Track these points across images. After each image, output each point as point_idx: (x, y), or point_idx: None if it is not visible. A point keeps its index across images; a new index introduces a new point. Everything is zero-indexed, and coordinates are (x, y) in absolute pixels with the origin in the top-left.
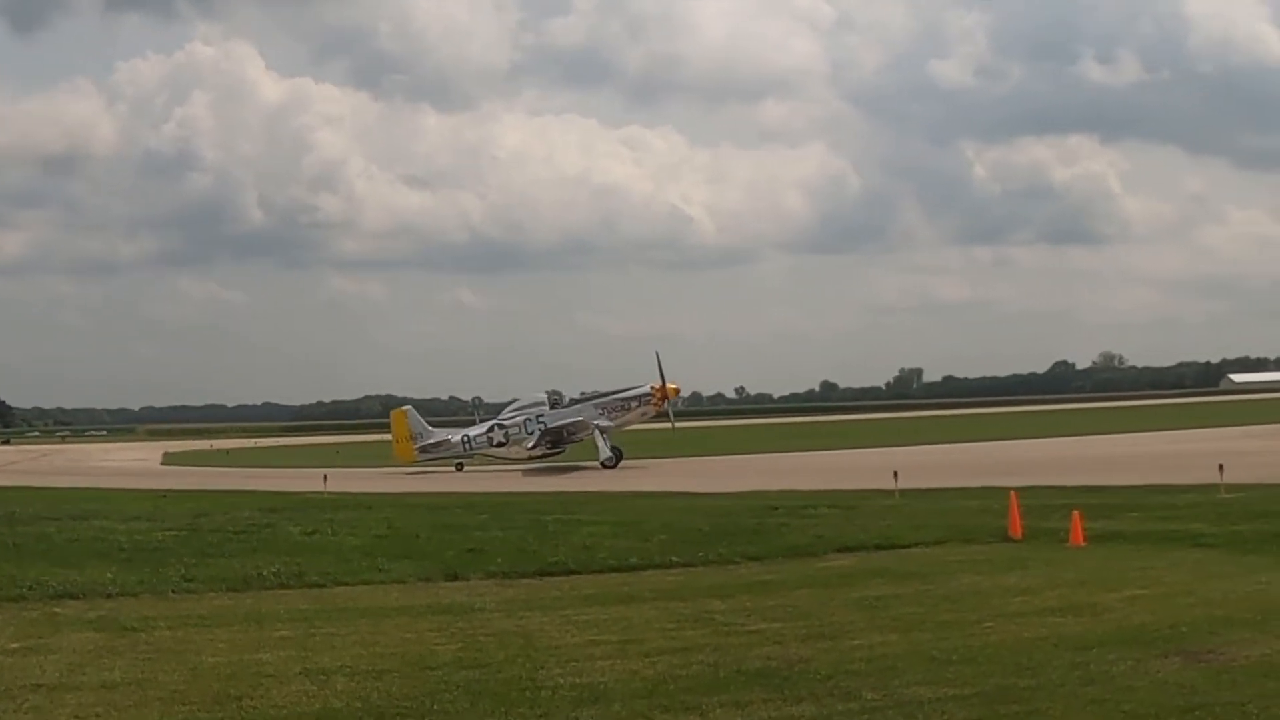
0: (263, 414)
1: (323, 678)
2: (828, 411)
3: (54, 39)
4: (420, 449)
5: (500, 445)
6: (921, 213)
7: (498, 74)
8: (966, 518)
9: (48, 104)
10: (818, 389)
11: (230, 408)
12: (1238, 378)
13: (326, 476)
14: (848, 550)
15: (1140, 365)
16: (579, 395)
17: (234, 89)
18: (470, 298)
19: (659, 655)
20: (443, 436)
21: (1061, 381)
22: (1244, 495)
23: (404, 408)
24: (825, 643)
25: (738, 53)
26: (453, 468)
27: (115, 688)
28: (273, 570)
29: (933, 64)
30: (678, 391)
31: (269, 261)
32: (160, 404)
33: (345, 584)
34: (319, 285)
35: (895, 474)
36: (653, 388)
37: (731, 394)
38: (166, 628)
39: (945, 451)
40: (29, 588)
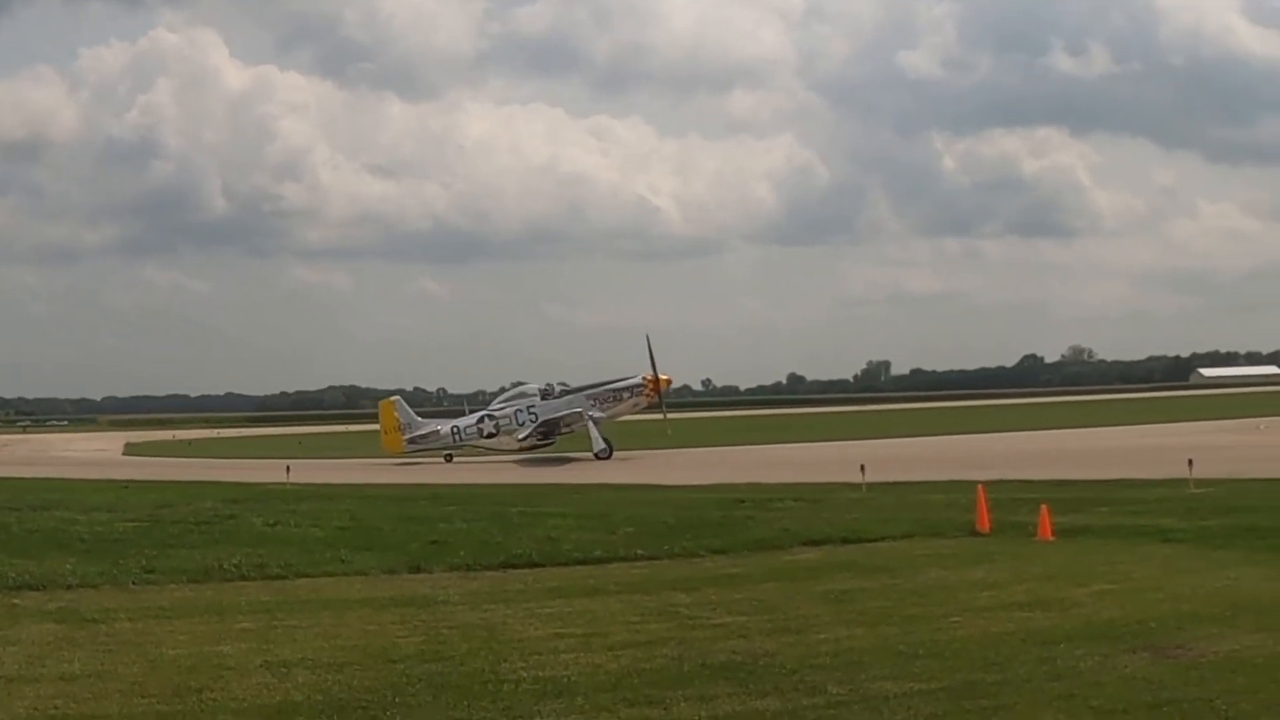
0: (226, 404)
1: (284, 670)
2: (795, 404)
3: (16, 25)
4: (409, 440)
5: (491, 436)
6: (890, 204)
7: (464, 63)
8: (933, 511)
9: (9, 91)
10: (785, 381)
11: (193, 398)
12: (1207, 372)
13: (289, 467)
14: (814, 544)
15: (1110, 359)
16: (567, 386)
17: (198, 77)
18: (435, 288)
19: (623, 648)
20: (432, 427)
21: (1030, 375)
22: (1213, 490)
23: (392, 398)
24: (791, 636)
25: (706, 43)
26: (442, 459)
27: (74, 679)
28: (234, 562)
29: (901, 55)
30: (670, 382)
31: (232, 250)
32: (122, 394)
33: (307, 576)
34: (283, 274)
35: (862, 467)
36: (645, 378)
37: (698, 386)
38: (127, 619)
39: (913, 445)
40: None
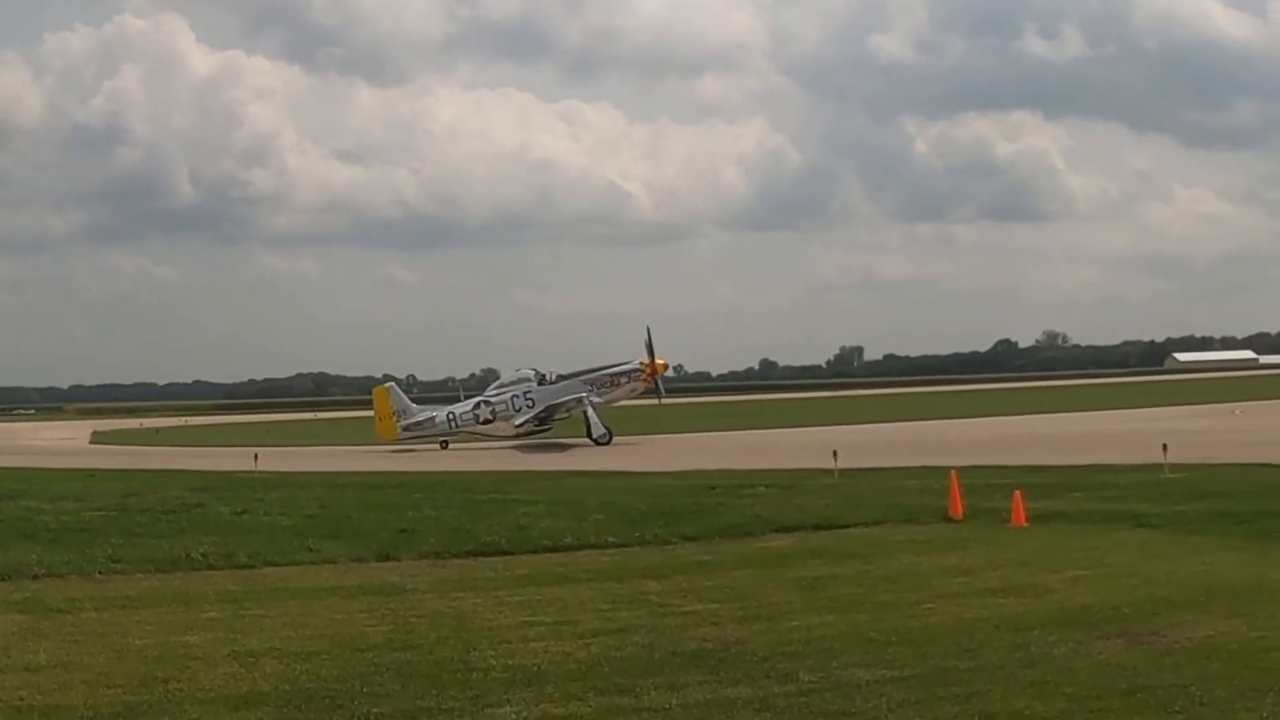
0: (194, 392)
1: (251, 660)
2: (767, 390)
3: None
4: (404, 427)
5: (487, 422)
6: (862, 189)
7: (432, 47)
8: (907, 497)
9: None
10: (757, 367)
11: (161, 386)
12: (1182, 357)
13: (258, 455)
14: (786, 530)
15: (1084, 344)
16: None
17: (164, 62)
18: (404, 274)
19: (594, 637)
20: (427, 414)
21: (1004, 360)
22: (1188, 475)
23: (386, 385)
24: (762, 624)
25: (676, 26)
26: (437, 445)
27: (40, 670)
28: (202, 551)
29: (874, 38)
30: (666, 367)
31: (200, 237)
32: (89, 382)
33: (275, 564)
34: (250, 261)
35: (835, 453)
36: (642, 363)
37: (670, 372)
38: (93, 609)
39: (886, 430)
40: None
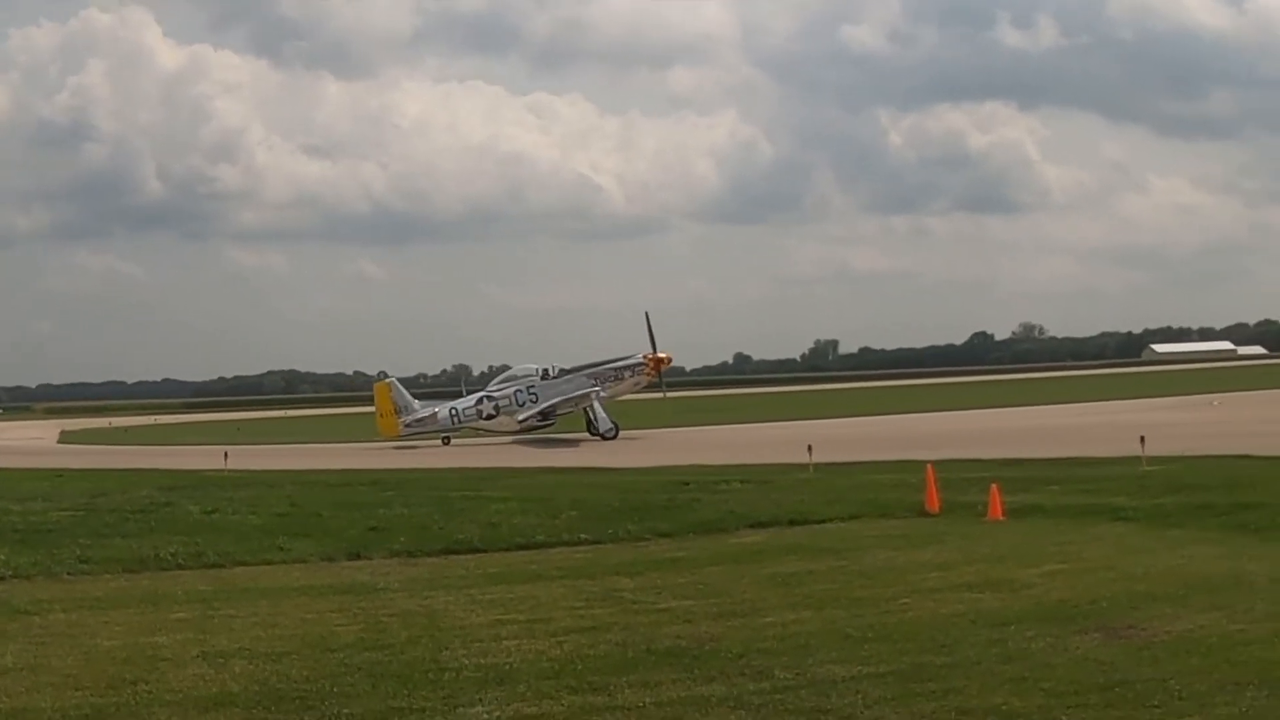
0: (163, 390)
1: (220, 660)
2: (741, 384)
3: None
4: (406, 424)
5: (490, 417)
6: (836, 181)
7: (400, 40)
8: (882, 492)
9: None
10: (731, 361)
11: (130, 384)
12: (1160, 348)
13: (227, 454)
14: (760, 526)
15: (1060, 336)
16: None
17: (130, 57)
18: (373, 270)
19: (566, 635)
20: (429, 410)
21: (980, 353)
22: (1166, 468)
23: (387, 380)
24: (737, 621)
25: (647, 18)
26: (439, 441)
27: (7, 672)
28: (171, 550)
29: (846, 29)
30: (670, 360)
31: (168, 234)
32: (58, 381)
33: (245, 564)
34: (219, 258)
35: (809, 448)
36: (645, 357)
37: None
38: (60, 610)
39: (861, 424)
40: None
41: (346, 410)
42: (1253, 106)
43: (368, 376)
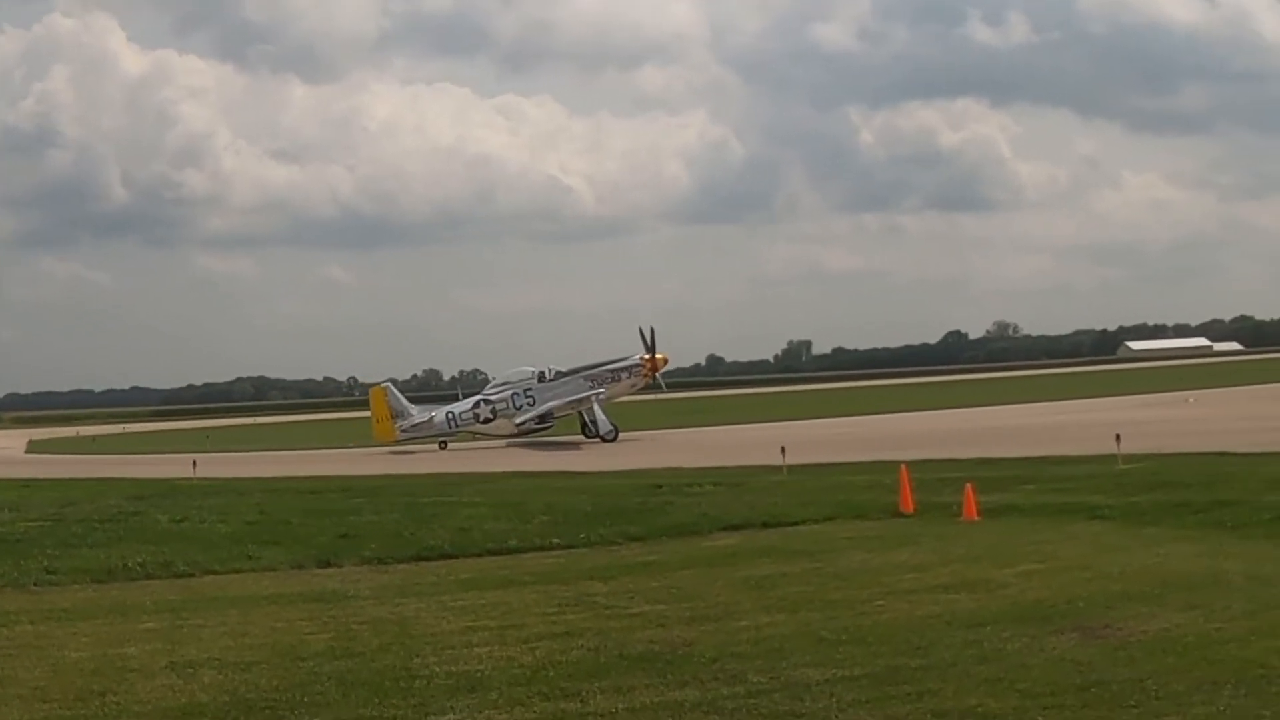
0: (131, 398)
1: (189, 671)
2: (713, 386)
3: None
4: (403, 429)
5: (488, 421)
6: (807, 180)
7: (366, 43)
8: (856, 493)
9: None
10: (704, 363)
11: (98, 393)
12: (1135, 345)
13: (196, 462)
14: (733, 529)
15: (1035, 334)
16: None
17: (95, 62)
18: (342, 274)
19: (538, 640)
20: (426, 414)
21: (954, 352)
22: (1142, 466)
23: (382, 385)
24: (710, 624)
25: (615, 17)
26: (435, 446)
27: None
28: (139, 560)
29: (816, 27)
30: (666, 361)
31: (134, 240)
32: (25, 390)
33: (214, 573)
34: (186, 264)
35: (783, 449)
36: (642, 358)
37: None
38: (28, 622)
39: (834, 425)
40: None
41: (316, 416)
42: (1225, 101)
43: (337, 382)
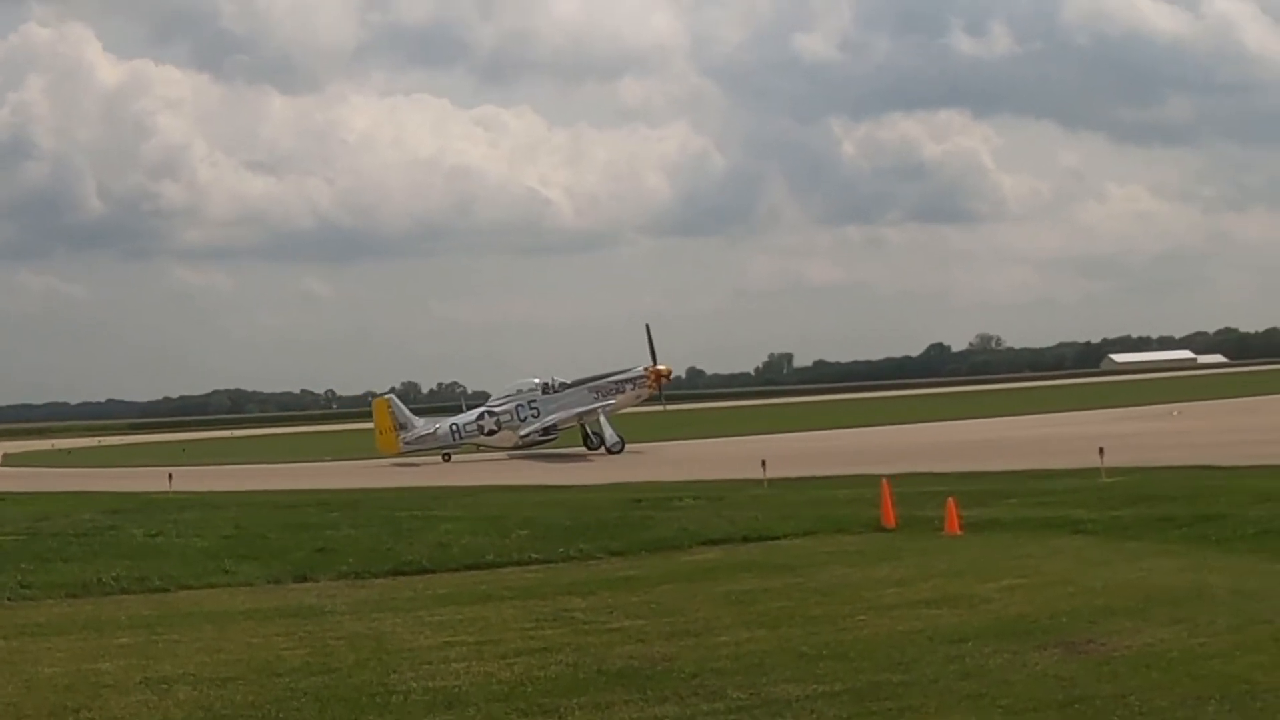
0: (107, 411)
1: (164, 687)
2: (694, 399)
3: None
4: (406, 440)
5: (492, 433)
6: (789, 192)
7: (344, 54)
8: (837, 507)
9: None
10: (684, 375)
11: (73, 405)
12: (1119, 358)
13: (172, 475)
14: (714, 543)
15: (1018, 346)
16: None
17: (70, 72)
18: (320, 287)
19: (517, 656)
20: (429, 426)
21: (937, 364)
22: (1125, 479)
23: (386, 396)
24: (690, 640)
25: (594, 28)
26: (439, 458)
27: None
28: (114, 575)
29: (797, 38)
30: (670, 372)
31: (110, 252)
32: (0, 403)
33: (190, 588)
34: (163, 276)
35: (763, 463)
36: (646, 369)
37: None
38: (1, 638)
39: (816, 439)
40: None
41: (294, 430)
42: (1209, 112)
43: (315, 395)
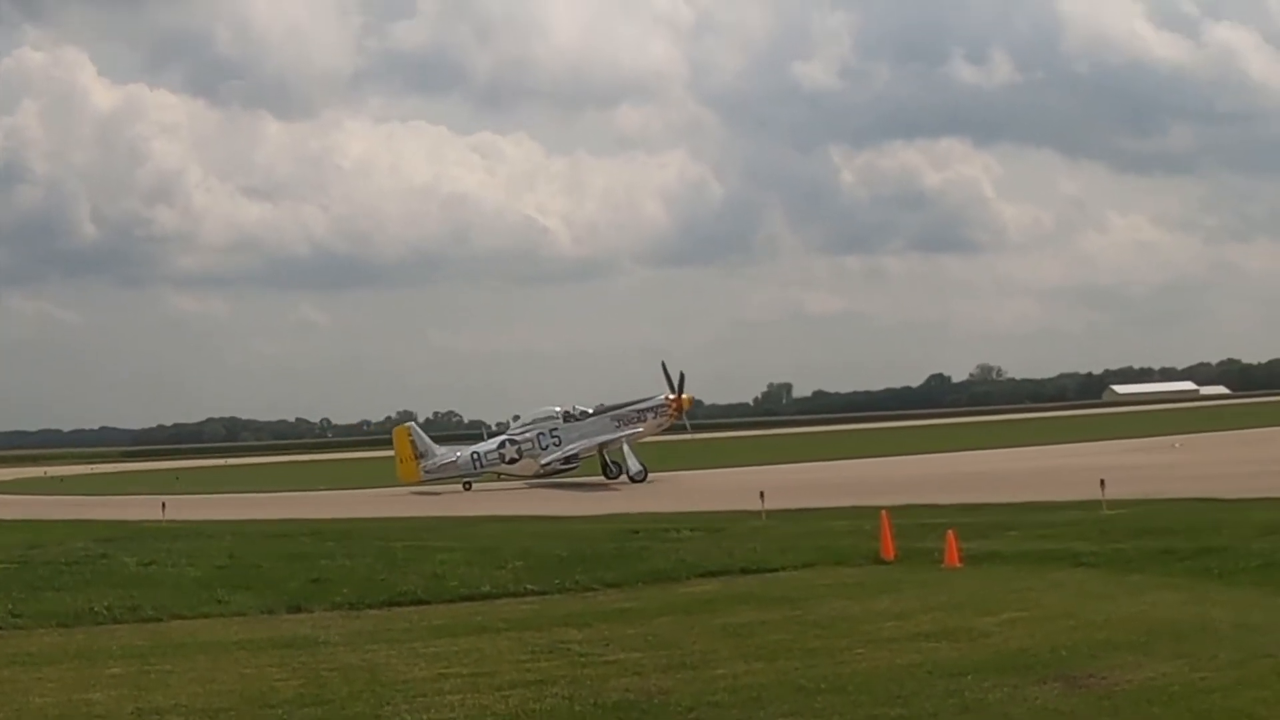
0: (100, 438)
1: (156, 718)
2: (692, 429)
3: None
4: (427, 469)
5: (513, 461)
6: (788, 221)
7: (341, 80)
8: (836, 539)
9: None
10: None
11: (66, 432)
12: (1121, 389)
13: (165, 504)
14: (711, 575)
15: (1019, 377)
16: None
17: (65, 97)
18: (316, 314)
19: (512, 689)
20: (451, 454)
21: (937, 395)
22: (1127, 511)
23: (407, 424)
24: (687, 673)
25: (593, 55)
26: (460, 486)
27: None
28: (106, 604)
29: (796, 66)
30: (692, 401)
31: (104, 278)
32: None
33: (183, 617)
34: (157, 303)
35: (762, 494)
36: (667, 398)
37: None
38: None
39: (815, 470)
40: None
41: (289, 458)
42: (1211, 142)
43: (310, 424)
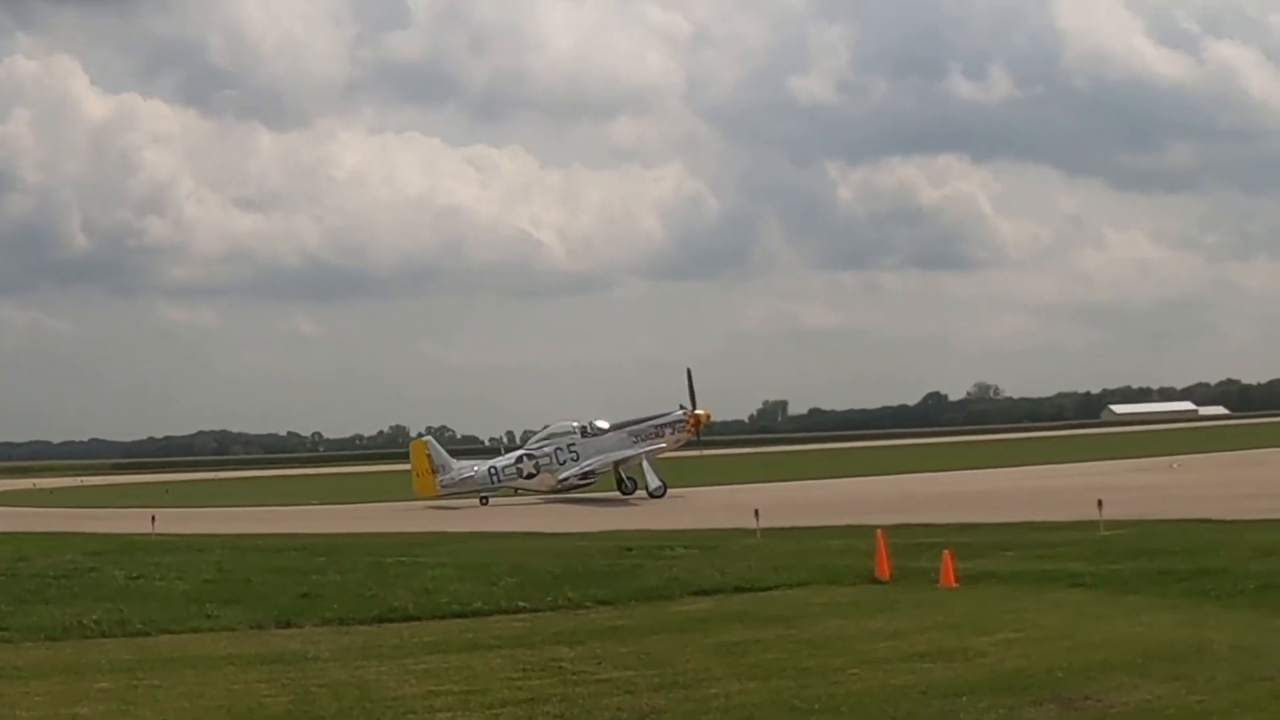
0: (90, 451)
1: None
2: (686, 446)
3: None
4: (443, 483)
5: (530, 476)
6: (784, 236)
7: (334, 90)
8: (831, 558)
9: None
10: None
11: (55, 444)
12: (1119, 409)
13: (155, 517)
14: (705, 593)
15: (1017, 396)
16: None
17: (56, 106)
18: (308, 326)
19: (503, 707)
20: (468, 469)
21: (933, 413)
22: (1124, 532)
23: (424, 438)
24: (680, 692)
25: (588, 67)
26: (476, 501)
27: None
28: (94, 618)
29: (793, 80)
30: (710, 416)
31: (95, 289)
32: None
33: (171, 632)
34: (148, 314)
35: (756, 512)
36: (685, 413)
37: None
38: None
39: (809, 488)
40: None
41: (280, 472)
42: (1211, 159)
43: (301, 437)
